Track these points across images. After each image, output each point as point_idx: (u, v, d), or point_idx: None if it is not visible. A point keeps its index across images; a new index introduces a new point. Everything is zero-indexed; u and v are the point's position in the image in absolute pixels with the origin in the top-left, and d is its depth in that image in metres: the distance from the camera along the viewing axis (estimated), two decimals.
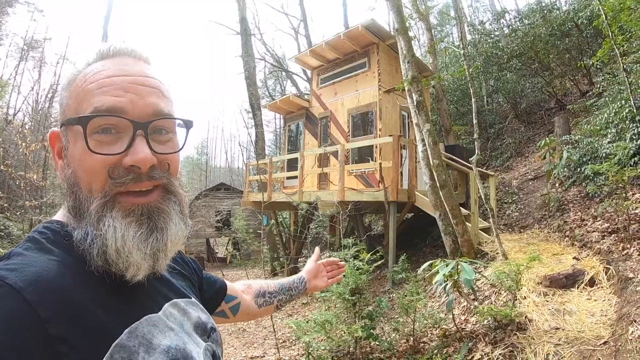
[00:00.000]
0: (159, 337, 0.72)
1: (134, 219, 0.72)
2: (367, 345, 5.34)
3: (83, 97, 0.74)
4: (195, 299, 0.93)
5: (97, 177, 0.72)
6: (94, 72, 0.76)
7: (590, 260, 5.54)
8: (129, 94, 0.74)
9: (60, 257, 0.69)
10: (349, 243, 5.92)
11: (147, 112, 0.75)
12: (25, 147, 13.69)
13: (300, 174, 10.49)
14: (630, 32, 8.81)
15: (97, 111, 0.71)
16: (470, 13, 33.08)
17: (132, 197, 0.73)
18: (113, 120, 0.72)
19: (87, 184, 0.72)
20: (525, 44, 14.57)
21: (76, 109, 0.74)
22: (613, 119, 8.20)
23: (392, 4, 7.43)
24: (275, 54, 24.77)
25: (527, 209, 9.23)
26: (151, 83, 0.78)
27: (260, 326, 8.39)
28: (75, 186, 0.74)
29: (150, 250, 0.73)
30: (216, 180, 39.96)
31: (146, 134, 0.74)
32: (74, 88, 0.76)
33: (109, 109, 0.72)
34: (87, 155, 0.71)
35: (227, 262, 20.13)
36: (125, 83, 0.74)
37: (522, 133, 14.66)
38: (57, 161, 0.80)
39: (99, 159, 0.71)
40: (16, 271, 0.61)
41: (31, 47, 24.75)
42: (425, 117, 7.07)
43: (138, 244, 0.71)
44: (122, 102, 0.73)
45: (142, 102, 0.75)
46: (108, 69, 0.76)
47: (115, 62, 0.78)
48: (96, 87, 0.73)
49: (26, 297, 0.58)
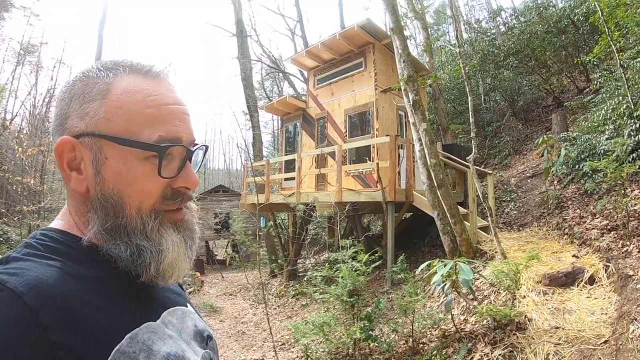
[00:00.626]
0: (159, 343, 0.72)
1: (181, 233, 0.81)
2: (366, 346, 5.32)
3: (139, 120, 0.75)
4: (190, 307, 0.94)
5: (152, 196, 0.76)
6: (146, 93, 0.77)
7: (590, 258, 5.51)
8: (182, 124, 0.80)
9: (60, 263, 0.68)
10: (347, 244, 5.90)
11: (191, 140, 0.82)
12: (22, 152, 13.66)
13: (298, 175, 10.46)
14: (627, 28, 8.80)
15: (163, 139, 0.75)
16: (467, 11, 33.14)
17: (175, 214, 0.81)
18: (174, 148, 0.77)
19: (138, 203, 0.75)
20: (521, 41, 14.57)
21: (126, 129, 0.74)
22: (611, 115, 8.18)
23: (387, 4, 7.41)
24: (271, 55, 24.68)
25: (525, 207, 9.20)
26: (189, 112, 0.84)
27: (259, 328, 8.37)
28: (117, 205, 0.74)
29: (191, 257, 0.82)
30: (215, 182, 39.83)
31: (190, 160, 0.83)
32: (117, 103, 0.75)
33: (174, 139, 0.77)
34: (150, 177, 0.75)
35: (226, 264, 20.07)
36: (180, 113, 0.80)
37: (520, 131, 14.66)
38: (69, 173, 0.75)
39: (161, 182, 0.77)
40: (17, 275, 0.61)
41: (28, 51, 24.74)
42: (422, 116, 7.04)
43: (187, 253, 0.81)
44: (181, 132, 0.79)
45: (189, 132, 0.81)
46: (160, 93, 0.79)
47: (161, 86, 0.81)
48: (157, 113, 0.76)
49: (27, 302, 0.58)
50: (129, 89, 0.76)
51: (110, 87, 0.75)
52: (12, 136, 17.10)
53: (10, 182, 15.02)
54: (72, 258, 0.71)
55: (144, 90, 0.77)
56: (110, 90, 0.75)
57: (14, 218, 14.73)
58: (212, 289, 14.08)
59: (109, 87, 0.75)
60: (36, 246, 0.71)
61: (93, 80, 0.76)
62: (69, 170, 0.76)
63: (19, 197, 15.47)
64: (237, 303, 11.31)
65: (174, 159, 0.78)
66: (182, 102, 0.83)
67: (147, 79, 0.79)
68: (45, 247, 0.71)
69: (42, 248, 0.71)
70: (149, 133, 0.74)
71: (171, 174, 0.77)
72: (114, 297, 0.72)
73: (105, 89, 0.75)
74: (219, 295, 12.71)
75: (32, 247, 0.71)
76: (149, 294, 0.82)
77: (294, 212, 11.21)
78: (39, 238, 0.73)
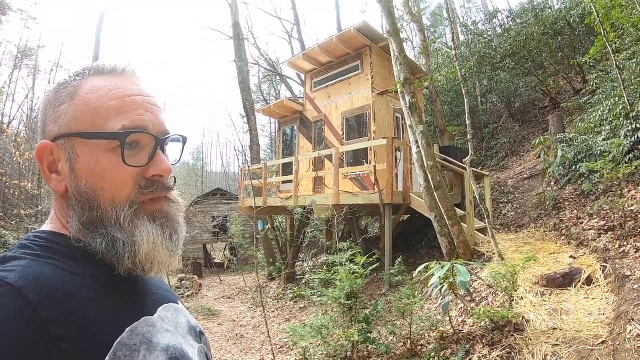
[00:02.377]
0: (158, 336, 0.74)
1: (159, 222, 0.79)
2: (364, 349, 5.31)
3: (103, 113, 0.77)
4: (181, 305, 0.95)
5: (125, 187, 0.76)
6: (109, 88, 0.80)
7: (587, 259, 5.52)
8: (148, 114, 0.81)
9: (57, 261, 0.70)
10: (344, 247, 5.90)
11: (161, 130, 0.82)
12: (19, 155, 13.63)
13: (295, 178, 10.45)
14: (623, 29, 8.84)
15: (126, 128, 0.76)
16: (463, 14, 33.18)
17: (151, 204, 0.80)
18: (140, 136, 0.79)
19: (111, 195, 0.76)
20: (518, 43, 14.63)
21: (92, 124, 0.77)
22: (607, 116, 8.21)
23: (384, 6, 7.42)
24: (269, 58, 24.69)
25: (522, 209, 9.21)
26: (158, 103, 0.86)
27: (258, 332, 8.35)
28: (93, 200, 0.76)
29: (172, 249, 0.80)
30: (212, 185, 39.79)
31: (162, 149, 0.82)
32: (83, 101, 0.78)
33: (138, 127, 0.78)
34: (118, 167, 0.76)
35: (224, 267, 20.06)
36: (145, 103, 0.81)
37: (517, 132, 14.67)
38: (49, 175, 0.79)
39: (129, 171, 0.77)
40: (15, 272, 0.62)
41: (25, 55, 24.68)
42: (419, 118, 7.05)
43: (166, 244, 0.79)
44: (146, 120, 0.79)
45: (157, 121, 0.82)
46: (123, 87, 0.81)
47: (125, 81, 0.83)
48: (120, 105, 0.78)
49: (27, 296, 0.58)
50: (93, 87, 0.79)
51: (78, 89, 0.80)
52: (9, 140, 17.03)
53: (7, 186, 14.99)
54: (67, 256, 0.72)
55: (107, 86, 0.80)
56: (77, 92, 0.79)
57: (11, 222, 14.70)
58: (210, 292, 14.04)
59: (76, 90, 0.80)
60: (31, 246, 0.72)
61: (63, 86, 0.81)
62: (49, 173, 0.79)
63: (16, 201, 15.43)
64: (236, 306, 11.29)
65: (144, 148, 0.80)
66: (149, 94, 0.85)
67: (111, 77, 0.82)
68: (40, 247, 0.72)
69: (37, 248, 0.72)
70: (113, 124, 0.76)
71: (141, 163, 0.78)
72: (111, 293, 0.73)
73: (73, 91, 0.80)
74: (217, 299, 12.68)
75: (28, 248, 0.71)
76: (144, 291, 0.84)
77: (292, 215, 11.20)
78: (32, 240, 0.74)
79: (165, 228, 0.80)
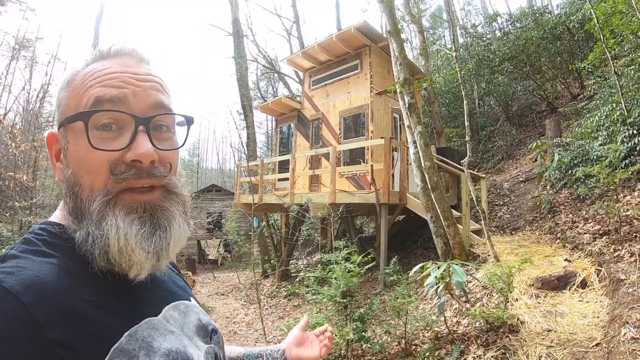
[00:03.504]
0: (159, 340, 0.71)
1: (136, 216, 0.71)
2: (358, 348, 5.31)
3: (82, 94, 0.73)
4: (194, 301, 0.92)
5: (99, 174, 0.70)
6: (94, 70, 0.75)
7: (582, 262, 5.55)
8: (130, 87, 0.74)
9: (58, 259, 0.67)
10: (340, 245, 5.89)
11: (148, 104, 0.75)
12: (15, 147, 13.55)
13: (292, 175, 10.44)
14: (622, 36, 8.88)
15: (98, 101, 0.71)
16: (463, 16, 33.27)
17: (134, 194, 0.72)
18: (114, 115, 0.71)
19: (89, 183, 0.71)
20: (516, 47, 14.68)
21: (76, 107, 0.73)
22: (604, 121, 8.24)
23: (385, 6, 7.42)
24: (267, 55, 24.66)
25: (518, 211, 9.25)
26: (152, 79, 0.78)
27: (251, 329, 8.35)
28: (76, 186, 0.72)
29: (154, 249, 0.71)
30: (208, 181, 39.73)
31: (148, 130, 0.73)
32: (73, 87, 0.76)
33: (110, 99, 0.71)
34: (89, 152, 0.70)
35: (218, 264, 20.01)
36: (126, 77, 0.74)
37: (514, 136, 14.74)
38: (55, 163, 0.78)
39: (100, 156, 0.70)
40: (12, 274, 0.60)
41: (23, 46, 24.47)
42: (417, 119, 7.05)
43: (141, 242, 0.70)
44: (123, 92, 0.72)
45: (144, 94, 0.75)
46: (109, 67, 0.76)
47: (117, 61, 0.78)
48: (97, 82, 0.73)
49: (23, 300, 0.57)
50: (86, 72, 0.76)
51: (75, 76, 0.77)
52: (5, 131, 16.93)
53: (2, 178, 14.90)
54: (69, 253, 0.70)
55: (96, 68, 0.76)
56: (74, 79, 0.77)
57: (5, 214, 14.61)
58: (204, 288, 14.03)
59: (73, 77, 0.77)
60: (34, 242, 0.70)
61: (66, 74, 0.80)
62: (56, 161, 0.78)
63: (10, 193, 15.32)
64: (229, 303, 11.27)
65: (125, 130, 0.73)
66: (137, 71, 0.78)
67: (106, 60, 0.78)
68: (44, 243, 0.70)
69: (40, 244, 0.70)
70: (85, 102, 0.72)
71: (119, 146, 0.71)
72: (114, 293, 0.70)
73: (70, 79, 0.77)
74: (210, 295, 12.66)
75: (31, 243, 0.70)
76: (150, 289, 0.79)
77: (288, 212, 11.19)
78: (37, 233, 0.72)
79: (145, 224, 0.72)
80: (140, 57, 0.82)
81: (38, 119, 22.43)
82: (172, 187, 0.78)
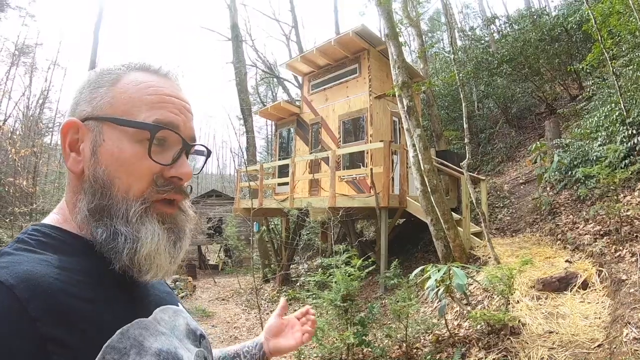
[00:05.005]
0: (150, 339, 0.72)
1: (167, 226, 0.79)
2: (359, 352, 5.29)
3: (139, 104, 0.78)
4: (182, 307, 0.94)
5: (142, 181, 0.76)
6: (149, 83, 0.81)
7: (583, 263, 5.53)
8: (182, 116, 0.81)
9: (51, 257, 0.68)
10: (340, 249, 5.88)
11: (190, 135, 0.84)
12: (14, 152, 13.58)
13: (291, 180, 10.44)
14: (620, 36, 8.88)
15: (159, 122, 0.77)
16: (461, 19, 33.35)
17: (162, 206, 0.79)
18: (169, 134, 0.79)
19: (127, 185, 0.75)
20: (515, 49, 14.68)
21: (128, 112, 0.77)
22: (603, 122, 8.24)
23: (383, 10, 7.44)
24: (266, 60, 24.67)
25: (518, 213, 9.23)
26: (191, 109, 0.87)
27: (252, 333, 8.32)
28: (106, 187, 0.75)
29: (174, 256, 0.79)
30: (208, 187, 39.81)
31: (187, 154, 0.83)
32: (122, 89, 0.79)
33: (170, 124, 0.78)
34: (141, 159, 0.75)
35: (219, 269, 19.97)
36: (180, 105, 0.82)
37: (513, 138, 14.72)
38: (68, 152, 0.79)
39: (151, 165, 0.76)
40: (7, 269, 0.60)
41: (22, 52, 24.59)
42: (416, 122, 7.05)
43: (169, 249, 0.77)
44: (179, 120, 0.80)
45: (189, 126, 0.83)
46: (164, 86, 0.82)
47: (166, 82, 0.84)
48: (157, 100, 0.79)
49: (16, 294, 0.57)
50: (136, 79, 0.80)
51: (120, 77, 0.81)
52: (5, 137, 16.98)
53: (2, 184, 14.93)
54: (64, 252, 0.71)
55: (148, 82, 0.81)
56: (119, 80, 0.80)
57: (5, 220, 14.62)
58: (205, 293, 13.98)
59: (118, 77, 0.81)
60: (28, 241, 0.71)
61: (106, 72, 0.82)
62: (69, 151, 0.78)
63: (10, 199, 15.34)
64: (230, 308, 11.24)
65: (169, 148, 0.80)
66: (185, 100, 0.85)
67: (155, 75, 0.83)
68: (37, 242, 0.71)
69: (33, 243, 0.70)
70: (146, 116, 0.77)
71: (165, 161, 0.77)
72: (106, 292, 0.71)
73: (115, 78, 0.80)
74: (211, 300, 12.62)
75: (24, 242, 0.70)
76: (141, 291, 0.82)
77: (288, 217, 11.18)
78: (30, 233, 0.73)
79: (171, 233, 0.79)
80: (180, 84, 0.89)
81: (38, 125, 22.46)
82: (185, 207, 0.86)
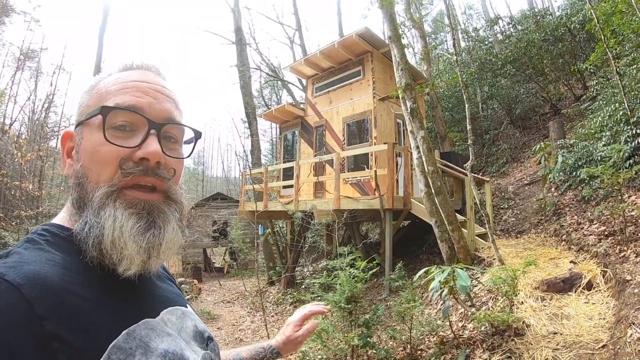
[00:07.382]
0: (157, 340, 0.72)
1: (134, 211, 0.75)
2: (364, 353, 5.29)
3: (105, 96, 0.80)
4: (190, 308, 0.94)
5: (108, 167, 0.75)
6: (117, 77, 0.83)
7: (587, 264, 5.52)
8: (148, 97, 0.81)
9: (59, 257, 0.70)
10: (345, 251, 5.89)
11: (162, 116, 0.81)
12: (20, 156, 13.68)
13: (296, 182, 10.45)
14: (623, 36, 8.87)
15: (118, 107, 0.77)
16: (464, 20, 33.31)
17: (136, 191, 0.76)
18: (131, 116, 0.78)
19: (97, 174, 0.75)
20: (518, 49, 14.66)
21: (94, 106, 0.80)
22: (607, 122, 8.22)
23: (386, 12, 7.45)
24: (270, 63, 24.75)
25: (523, 214, 9.21)
26: (168, 93, 0.86)
27: (257, 336, 8.34)
28: (82, 178, 0.77)
29: (146, 245, 0.74)
30: (213, 190, 39.80)
31: (159, 135, 0.80)
32: (96, 90, 0.83)
33: (129, 106, 0.78)
34: (102, 145, 0.75)
35: (224, 272, 20.00)
36: (145, 87, 0.82)
37: (517, 138, 14.68)
38: (66, 160, 0.83)
39: (113, 150, 0.75)
40: (15, 268, 0.62)
41: (27, 56, 24.75)
42: (420, 124, 7.06)
43: (135, 236, 0.73)
44: (141, 102, 0.79)
45: (159, 106, 0.81)
46: (132, 76, 0.84)
47: (138, 73, 0.85)
48: (120, 87, 0.80)
49: (24, 293, 0.58)
50: (111, 79, 0.83)
51: (100, 81, 0.84)
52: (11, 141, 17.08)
53: (8, 187, 15.02)
54: (70, 252, 0.72)
55: (121, 76, 0.83)
56: (98, 84, 0.84)
57: (11, 223, 14.71)
58: (210, 296, 14.02)
59: (97, 83, 0.84)
60: (37, 241, 0.72)
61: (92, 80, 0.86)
62: (66, 158, 0.84)
63: (17, 202, 15.44)
64: (235, 310, 11.27)
65: (138, 130, 0.79)
66: (157, 83, 0.85)
67: (132, 71, 0.86)
68: (46, 242, 0.73)
69: (43, 243, 0.72)
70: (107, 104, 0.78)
71: (130, 144, 0.77)
72: (113, 293, 0.72)
73: (94, 84, 0.85)
74: (216, 303, 12.66)
75: (33, 242, 0.72)
76: (149, 292, 0.83)
77: (292, 219, 11.20)
78: (40, 233, 0.75)
79: (141, 220, 0.75)
80: (158, 72, 0.90)
81: (43, 129, 22.59)
82: (172, 193, 0.82)
